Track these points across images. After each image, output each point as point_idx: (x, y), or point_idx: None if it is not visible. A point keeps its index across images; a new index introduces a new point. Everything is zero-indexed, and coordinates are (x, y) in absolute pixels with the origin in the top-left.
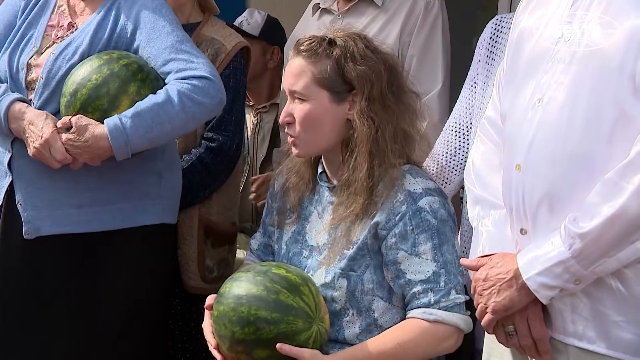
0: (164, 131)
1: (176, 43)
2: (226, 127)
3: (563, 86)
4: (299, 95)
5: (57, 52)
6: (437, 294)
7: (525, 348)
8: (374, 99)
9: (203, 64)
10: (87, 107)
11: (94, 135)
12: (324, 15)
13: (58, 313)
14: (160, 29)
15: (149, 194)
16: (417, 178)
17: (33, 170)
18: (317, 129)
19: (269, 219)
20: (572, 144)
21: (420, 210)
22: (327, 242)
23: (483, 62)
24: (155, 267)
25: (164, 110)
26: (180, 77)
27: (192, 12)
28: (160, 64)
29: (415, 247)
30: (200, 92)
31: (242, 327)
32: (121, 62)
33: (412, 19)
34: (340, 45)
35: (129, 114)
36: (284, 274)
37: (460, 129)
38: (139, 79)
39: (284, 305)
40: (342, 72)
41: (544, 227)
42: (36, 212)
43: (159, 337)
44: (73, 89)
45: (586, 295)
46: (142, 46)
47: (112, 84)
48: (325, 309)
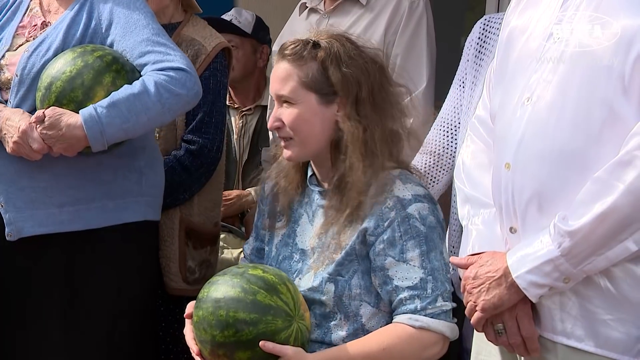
0: (140, 121)
1: (152, 36)
2: (206, 129)
3: (552, 85)
4: (287, 99)
5: (31, 49)
6: (424, 300)
7: (514, 346)
8: (363, 101)
9: (179, 56)
10: (62, 99)
11: (67, 124)
12: (311, 14)
13: (46, 313)
14: (136, 22)
15: (130, 191)
16: (407, 184)
17: (13, 169)
18: (307, 132)
19: (260, 222)
20: (561, 142)
21: (409, 217)
22: (317, 246)
23: (471, 62)
24: (142, 265)
25: (140, 100)
26: (156, 68)
27: (175, 12)
28: (136, 56)
29: (403, 253)
30: (177, 83)
31: (222, 330)
32: (95, 54)
33: (396, 18)
34: (324, 47)
35: (104, 104)
36: (261, 275)
37: (448, 128)
38: (114, 70)
39: (261, 305)
40: (327, 74)
41: (534, 226)
42: (18, 214)
43: (146, 336)
44: (48, 82)
45: (575, 293)
46: (117, 40)
47: (86, 75)
48: (305, 306)
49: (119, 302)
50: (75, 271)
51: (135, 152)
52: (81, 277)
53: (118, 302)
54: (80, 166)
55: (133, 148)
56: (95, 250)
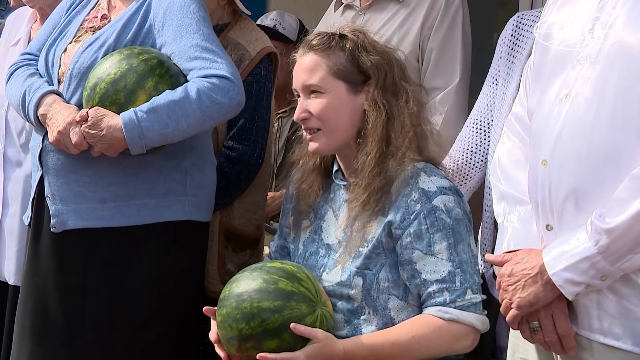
0: (180, 128)
1: (202, 41)
2: (247, 136)
3: (590, 82)
4: (316, 89)
5: (85, 45)
6: (453, 293)
7: (550, 344)
8: (387, 88)
9: (226, 64)
10: (105, 100)
11: (108, 126)
12: (346, 11)
13: (83, 306)
14: (187, 27)
15: (173, 190)
16: (431, 176)
17: (61, 163)
18: (336, 121)
19: (284, 220)
20: (598, 139)
21: (435, 209)
22: (342, 240)
23: (504, 59)
24: (183, 264)
25: (180, 107)
26: (201, 74)
27: (222, 14)
28: (184, 61)
29: (430, 246)
30: (219, 91)
31: (248, 322)
32: (141, 57)
33: (432, 13)
34: (351, 38)
35: (145, 109)
36: (280, 265)
37: (481, 125)
38: (157, 74)
39: (284, 292)
40: (357, 62)
41: (570, 223)
42: (63, 206)
43: (184, 337)
44: (93, 82)
45: (612, 291)
46: (168, 42)
47: (129, 78)
48: (325, 295)
49: (156, 301)
50: (112, 266)
51: (182, 152)
52: (119, 273)
53: (155, 301)
54: (123, 164)
55: (181, 148)
56: (135, 247)
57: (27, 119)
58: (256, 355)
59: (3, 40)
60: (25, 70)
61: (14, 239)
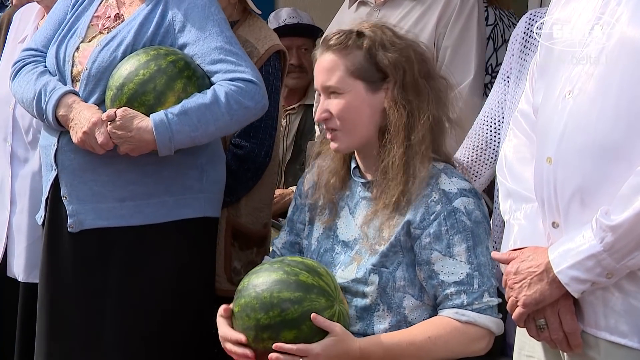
0: (209, 131)
1: (225, 44)
2: (255, 134)
3: (593, 78)
4: (335, 89)
5: (103, 44)
6: (470, 296)
7: (556, 342)
8: (407, 86)
9: (250, 67)
10: (134, 101)
11: (138, 127)
12: (360, 7)
13: (103, 305)
14: (210, 29)
15: (191, 187)
16: (452, 178)
17: (77, 163)
18: (355, 121)
19: (296, 216)
20: (602, 136)
21: (455, 211)
22: (359, 238)
23: (516, 57)
24: (199, 261)
25: (210, 111)
26: (227, 78)
27: (233, 12)
28: (207, 63)
29: (449, 248)
30: (246, 95)
31: (267, 311)
32: (168, 59)
33: (448, 11)
34: (369, 35)
35: (176, 111)
36: (300, 260)
37: (492, 122)
38: (185, 76)
39: (305, 284)
40: (375, 60)
41: (576, 221)
42: (80, 206)
43: (198, 334)
44: (120, 83)
45: (618, 289)
46: (189, 43)
47: (159, 80)
48: (342, 293)
49: (176, 299)
50: (132, 265)
51: (197, 149)
52: (138, 272)
53: (175, 299)
54: (141, 162)
55: (195, 145)
56: (154, 245)
57: (43, 119)
58: (272, 346)
59: (10, 37)
60: (34, 67)
61: (23, 236)
